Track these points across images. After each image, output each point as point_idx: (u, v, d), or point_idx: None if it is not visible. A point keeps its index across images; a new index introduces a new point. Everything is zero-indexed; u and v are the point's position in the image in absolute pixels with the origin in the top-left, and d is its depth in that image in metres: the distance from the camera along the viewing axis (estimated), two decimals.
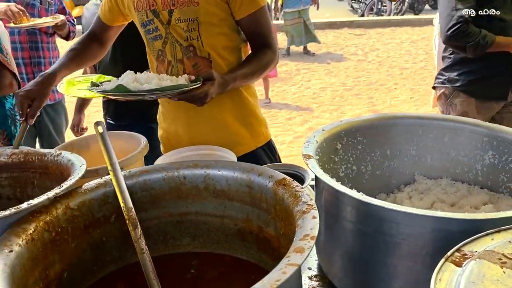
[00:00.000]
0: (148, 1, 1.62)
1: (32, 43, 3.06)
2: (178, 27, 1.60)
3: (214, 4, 1.58)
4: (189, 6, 1.56)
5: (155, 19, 1.63)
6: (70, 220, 0.96)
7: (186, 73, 1.61)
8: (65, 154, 1.17)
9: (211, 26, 1.61)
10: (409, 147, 1.34)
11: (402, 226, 0.89)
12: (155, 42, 1.68)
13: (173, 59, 1.66)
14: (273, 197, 0.97)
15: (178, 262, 1.10)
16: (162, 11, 1.60)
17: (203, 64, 1.65)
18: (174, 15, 1.59)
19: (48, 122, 3.17)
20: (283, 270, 0.68)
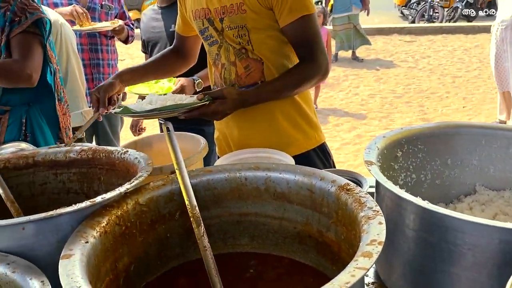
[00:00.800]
0: (204, 10, 1.70)
1: (92, 45, 3.21)
2: (229, 34, 1.67)
3: (259, 12, 1.61)
4: (237, 14, 1.62)
5: (210, 27, 1.70)
6: (138, 215, 1.00)
7: (238, 75, 1.71)
8: (131, 152, 1.22)
9: (260, 31, 1.64)
10: (471, 157, 1.31)
11: (468, 236, 0.87)
12: (212, 47, 1.75)
13: (226, 61, 1.71)
14: (335, 202, 0.97)
15: (237, 261, 1.12)
16: (215, 19, 1.67)
17: (255, 66, 1.68)
18: (224, 23, 1.65)
19: (104, 121, 3.30)
20: (352, 273, 0.68)
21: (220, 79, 1.77)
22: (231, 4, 1.62)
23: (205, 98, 1.44)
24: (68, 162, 1.31)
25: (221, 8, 1.64)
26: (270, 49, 1.68)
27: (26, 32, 1.99)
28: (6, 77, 1.95)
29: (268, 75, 1.68)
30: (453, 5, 13.04)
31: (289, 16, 1.59)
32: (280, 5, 1.58)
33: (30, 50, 1.99)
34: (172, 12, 2.62)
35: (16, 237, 0.90)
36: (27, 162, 1.31)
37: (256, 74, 1.69)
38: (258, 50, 1.66)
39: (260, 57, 1.67)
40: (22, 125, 2.09)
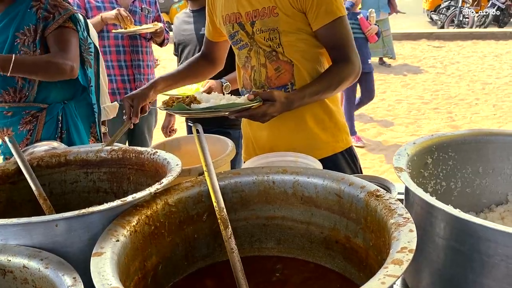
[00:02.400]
0: (235, 14, 1.72)
1: (133, 47, 3.28)
2: (260, 37, 1.68)
3: (292, 15, 1.62)
4: (269, 17, 1.64)
5: (240, 31, 1.72)
6: (167, 215, 1.01)
7: (268, 76, 1.72)
8: (161, 153, 1.24)
9: (291, 34, 1.66)
10: (504, 165, 1.28)
11: (502, 246, 0.85)
12: (242, 51, 1.77)
13: (257, 63, 1.73)
14: (364, 208, 0.97)
15: (263, 264, 1.12)
16: (246, 23, 1.69)
17: (285, 68, 1.69)
18: (255, 26, 1.67)
19: (142, 121, 3.35)
20: (382, 281, 0.68)
21: (250, 81, 1.78)
22: (263, 7, 1.64)
23: (256, 99, 1.45)
24: (98, 162, 1.34)
25: (252, 12, 1.66)
26: (300, 52, 1.69)
27: (62, 27, 2.06)
28: (49, 70, 1.99)
29: (298, 77, 1.69)
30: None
31: (324, 19, 1.61)
32: (314, 8, 1.60)
33: (68, 43, 2.05)
34: (202, 15, 2.64)
35: (49, 233, 0.92)
36: (59, 160, 1.34)
37: (286, 76, 1.70)
38: (288, 53, 1.68)
39: (291, 59, 1.68)
40: (59, 123, 2.14)
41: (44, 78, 2.04)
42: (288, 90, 1.71)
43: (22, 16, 2.03)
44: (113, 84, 3.24)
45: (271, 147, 1.76)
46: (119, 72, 3.23)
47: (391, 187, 1.36)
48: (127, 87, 3.27)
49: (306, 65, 1.70)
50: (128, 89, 3.27)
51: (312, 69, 1.71)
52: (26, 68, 1.96)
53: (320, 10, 1.60)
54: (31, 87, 2.07)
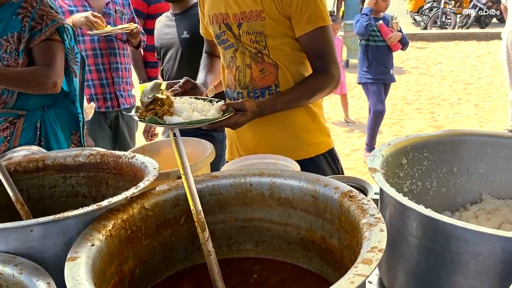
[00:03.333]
0: (222, 15, 1.73)
1: (111, 50, 3.22)
2: (246, 39, 1.70)
3: (278, 20, 1.65)
4: (256, 21, 1.66)
5: (227, 31, 1.73)
6: (144, 219, 1.02)
7: (253, 77, 1.73)
8: (139, 157, 1.24)
9: (276, 38, 1.68)
10: (478, 165, 1.31)
11: (471, 244, 0.87)
12: (228, 51, 1.78)
13: (242, 64, 1.75)
14: (338, 209, 0.98)
15: (241, 266, 1.13)
16: (233, 24, 1.70)
17: (270, 70, 1.72)
18: (242, 28, 1.69)
19: (123, 126, 3.34)
20: (351, 280, 0.69)
21: (234, 81, 1.79)
22: (250, 10, 1.66)
23: (228, 111, 1.43)
24: (76, 166, 1.34)
25: (240, 14, 1.68)
26: (285, 56, 1.71)
27: (48, 40, 2.03)
28: (31, 85, 1.99)
29: (283, 80, 1.72)
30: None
31: (306, 27, 1.64)
32: (298, 15, 1.62)
33: (54, 57, 2.03)
34: (184, 19, 2.64)
35: (24, 239, 0.91)
36: (37, 165, 1.33)
37: (271, 78, 1.72)
38: (273, 55, 1.70)
39: (276, 62, 1.71)
40: (37, 130, 2.12)
41: (26, 91, 2.03)
42: (272, 92, 1.73)
43: (6, 22, 2.00)
44: (91, 89, 3.17)
45: (254, 148, 1.78)
46: (97, 76, 3.16)
47: (368, 188, 1.37)
48: (106, 92, 3.20)
49: (291, 68, 1.72)
50: (107, 93, 3.20)
51: (296, 72, 1.73)
52: (10, 81, 1.95)
53: (303, 18, 1.63)
54: (11, 94, 2.05)
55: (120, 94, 3.24)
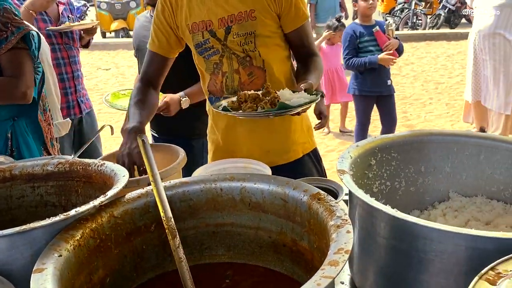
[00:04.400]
0: (204, 22, 1.71)
1: (72, 58, 3.22)
2: (234, 42, 1.69)
3: (269, 17, 1.68)
4: (247, 21, 1.67)
5: (211, 38, 1.71)
6: (113, 227, 1.01)
7: (242, 82, 1.74)
8: (108, 165, 1.23)
9: (266, 38, 1.71)
10: (444, 164, 1.34)
11: (436, 243, 0.89)
12: (211, 58, 1.75)
13: (229, 69, 1.74)
14: (307, 211, 0.99)
15: (213, 272, 1.13)
16: (219, 29, 1.69)
17: (258, 73, 1.73)
18: (232, 30, 1.68)
19: (88, 130, 3.31)
20: (317, 282, 0.70)
21: (221, 87, 1.77)
22: (239, 12, 1.66)
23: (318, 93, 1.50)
24: (45, 175, 1.31)
25: (228, 17, 1.67)
26: (274, 54, 1.75)
27: (15, 49, 1.97)
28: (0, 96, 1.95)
29: (271, 82, 1.72)
30: (436, 13, 13.24)
31: (297, 22, 1.73)
32: (289, 10, 1.69)
33: (22, 67, 1.98)
34: None
35: None
36: (4, 175, 1.31)
37: (259, 81, 1.73)
38: (263, 54, 1.72)
39: (263, 64, 1.73)
40: (8, 140, 2.07)
41: None
42: None
43: None
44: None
45: (248, 151, 1.77)
46: (62, 86, 3.09)
47: (339, 190, 1.39)
48: (69, 100, 3.18)
49: (278, 69, 1.76)
50: (70, 101, 3.18)
51: (283, 73, 1.79)
52: None
53: (296, 14, 1.71)
54: None
55: (81, 101, 3.26)
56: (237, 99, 1.50)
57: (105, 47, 11.88)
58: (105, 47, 11.85)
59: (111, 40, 13.10)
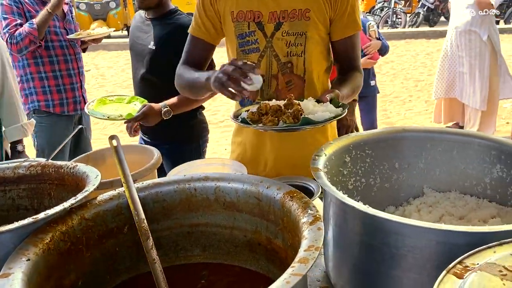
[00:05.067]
0: (253, 12, 1.58)
1: (77, 55, 3.31)
2: (281, 41, 1.59)
3: (322, 20, 1.58)
4: (300, 20, 1.57)
5: (257, 31, 1.59)
6: (85, 230, 0.99)
7: (279, 89, 1.63)
8: (80, 166, 1.21)
9: (316, 43, 1.61)
10: (418, 160, 1.35)
11: (407, 238, 0.90)
12: (249, 55, 1.63)
13: (267, 73, 1.63)
14: (281, 209, 0.99)
15: (189, 273, 1.12)
16: (268, 23, 1.58)
17: (297, 83, 1.63)
18: (282, 28, 1.57)
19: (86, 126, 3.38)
20: (287, 280, 0.70)
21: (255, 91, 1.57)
22: (293, 9, 1.56)
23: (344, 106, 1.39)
24: (16, 178, 1.29)
25: (280, 12, 1.57)
26: (316, 63, 1.64)
27: None
28: None
29: (308, 93, 1.63)
30: (415, 11, 13.40)
31: (348, 30, 1.62)
32: (341, 17, 1.60)
33: None
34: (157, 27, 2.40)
35: None
36: None
37: (296, 91, 1.63)
38: (308, 63, 1.61)
39: (304, 73, 1.62)
40: None
41: None
42: None
43: None
44: (62, 94, 3.21)
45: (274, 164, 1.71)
46: (69, 81, 3.22)
47: (315, 187, 1.40)
48: (75, 95, 3.27)
49: (317, 80, 1.67)
50: (76, 97, 3.27)
51: (321, 85, 1.69)
52: None
53: (350, 20, 1.60)
54: None
55: (84, 96, 3.35)
56: (257, 110, 1.37)
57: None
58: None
59: None
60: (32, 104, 3.15)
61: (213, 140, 3.33)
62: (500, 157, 1.24)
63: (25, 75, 3.12)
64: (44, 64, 3.11)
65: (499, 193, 1.27)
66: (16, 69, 3.11)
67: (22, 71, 3.12)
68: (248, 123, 1.33)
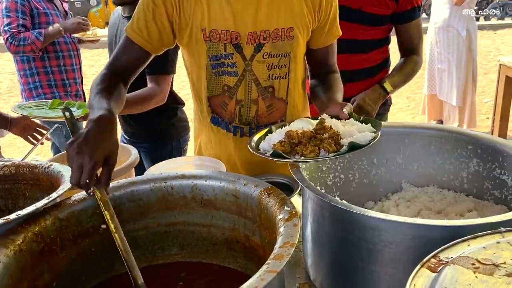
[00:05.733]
0: (229, 33, 1.38)
1: (79, 51, 3.37)
2: (262, 64, 1.43)
3: (305, 35, 1.44)
4: (283, 40, 1.40)
5: (235, 54, 1.41)
6: (59, 230, 0.98)
7: (259, 114, 1.50)
8: (55, 166, 1.19)
9: (299, 62, 1.50)
10: (396, 155, 1.36)
11: (384, 233, 0.90)
12: (223, 77, 1.45)
13: (245, 98, 1.48)
14: (258, 206, 0.99)
15: (166, 272, 1.11)
16: (247, 45, 1.40)
17: (278, 106, 1.50)
18: (264, 49, 1.41)
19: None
20: (261, 277, 0.69)
21: (233, 115, 1.50)
22: (275, 29, 1.38)
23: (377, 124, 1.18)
24: None
25: (261, 33, 1.38)
26: (301, 78, 1.54)
27: None
28: None
29: (290, 115, 1.53)
30: None
31: (329, 39, 1.51)
32: (323, 27, 1.46)
33: None
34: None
35: None
36: None
37: (278, 114, 1.51)
38: (291, 85, 1.49)
39: (286, 97, 1.50)
40: None
41: None
42: None
43: None
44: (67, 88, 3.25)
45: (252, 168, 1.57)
46: (72, 76, 3.27)
47: (294, 184, 1.40)
48: (78, 89, 3.32)
49: (298, 98, 1.55)
50: (79, 91, 3.33)
51: (301, 101, 1.58)
52: None
53: (332, 28, 1.49)
54: None
55: (84, 91, 3.39)
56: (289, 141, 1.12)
57: None
58: None
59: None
60: (38, 98, 3.15)
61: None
62: (477, 152, 1.25)
63: (30, 69, 3.13)
64: (50, 59, 3.15)
65: (475, 187, 1.28)
66: (17, 63, 3.14)
67: (26, 65, 3.13)
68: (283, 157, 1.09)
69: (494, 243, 0.74)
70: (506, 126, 4.33)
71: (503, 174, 1.18)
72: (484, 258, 0.70)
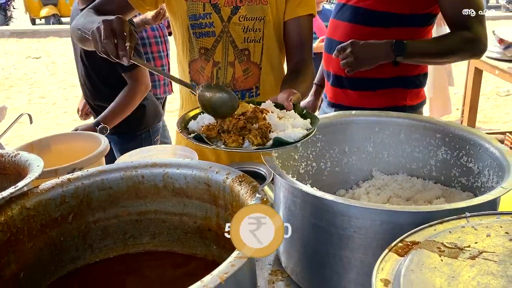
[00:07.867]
0: None
1: (164, 37, 3.29)
2: (238, 27, 1.50)
3: (279, 4, 1.51)
4: (258, 4, 1.49)
5: (213, 13, 1.48)
6: (26, 220, 0.95)
7: (235, 78, 1.54)
8: (23, 154, 1.16)
9: (274, 28, 1.55)
10: (367, 143, 1.38)
11: (353, 219, 0.91)
12: (202, 39, 1.52)
13: (222, 60, 1.54)
14: (230, 194, 0.98)
15: (138, 261, 1.10)
16: (224, 6, 1.48)
17: (253, 70, 1.56)
18: (240, 12, 1.48)
19: None
20: (232, 263, 0.70)
21: (210, 78, 1.55)
22: None
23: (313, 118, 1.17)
24: None
25: None
26: (274, 50, 1.58)
27: None
28: None
29: (264, 81, 1.59)
30: None
31: (299, 11, 1.53)
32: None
33: None
34: None
35: None
36: None
37: (253, 79, 1.58)
38: (266, 49, 1.54)
39: (260, 60, 1.56)
40: None
41: None
42: (252, 95, 1.59)
43: None
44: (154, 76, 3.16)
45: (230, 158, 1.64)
46: (160, 63, 3.22)
47: (267, 172, 1.40)
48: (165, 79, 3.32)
49: (273, 69, 1.60)
50: (165, 79, 3.31)
51: (276, 74, 1.62)
52: None
53: (301, 2, 1.52)
54: None
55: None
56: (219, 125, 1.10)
57: (35, 35, 11.33)
58: (34, 35, 11.31)
59: (42, 27, 12.50)
60: None
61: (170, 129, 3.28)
62: (445, 140, 1.27)
63: None
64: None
65: (443, 175, 1.31)
66: None
67: None
68: (204, 141, 1.07)
69: (459, 228, 0.76)
70: (474, 117, 4.44)
71: (470, 162, 1.21)
72: (449, 242, 0.72)
